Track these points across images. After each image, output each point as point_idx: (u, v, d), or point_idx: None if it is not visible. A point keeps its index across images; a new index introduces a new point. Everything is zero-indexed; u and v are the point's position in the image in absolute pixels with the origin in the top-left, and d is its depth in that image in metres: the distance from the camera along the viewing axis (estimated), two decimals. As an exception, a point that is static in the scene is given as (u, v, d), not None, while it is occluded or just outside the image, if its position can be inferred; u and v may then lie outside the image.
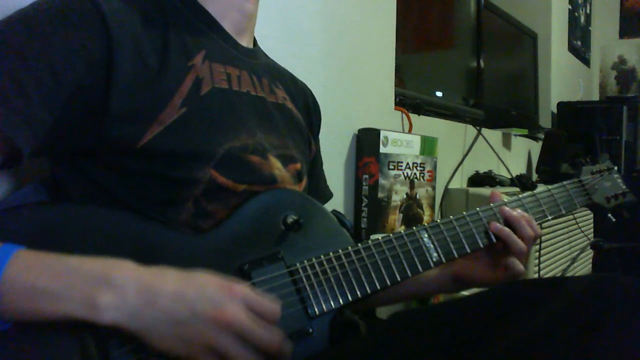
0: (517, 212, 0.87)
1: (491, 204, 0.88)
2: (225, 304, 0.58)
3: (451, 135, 2.09)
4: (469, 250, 0.83)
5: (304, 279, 0.71)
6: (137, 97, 0.66)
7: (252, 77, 0.83)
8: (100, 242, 0.63)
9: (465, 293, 0.94)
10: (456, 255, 0.82)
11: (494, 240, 0.85)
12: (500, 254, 0.86)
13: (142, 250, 0.64)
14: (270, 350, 0.61)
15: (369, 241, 0.76)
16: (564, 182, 0.99)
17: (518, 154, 2.75)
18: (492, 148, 2.24)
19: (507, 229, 0.85)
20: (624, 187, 1.08)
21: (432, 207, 1.75)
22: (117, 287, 0.55)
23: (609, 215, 1.06)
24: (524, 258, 0.85)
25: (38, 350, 0.55)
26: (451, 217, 0.84)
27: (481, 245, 0.84)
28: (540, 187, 0.96)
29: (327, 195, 1.04)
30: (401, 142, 1.56)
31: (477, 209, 0.86)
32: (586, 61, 4.17)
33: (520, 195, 0.91)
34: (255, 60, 0.86)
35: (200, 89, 0.72)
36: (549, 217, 0.92)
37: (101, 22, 0.65)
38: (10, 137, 0.59)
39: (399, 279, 0.76)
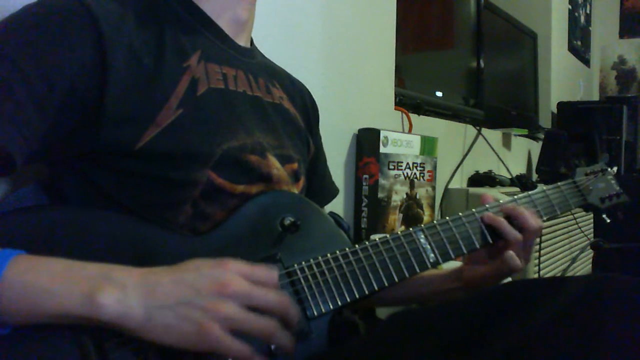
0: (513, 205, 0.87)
1: (486, 205, 0.88)
2: (224, 276, 0.58)
3: (451, 135, 2.09)
4: (465, 251, 0.83)
5: (302, 281, 0.71)
6: (132, 98, 0.66)
7: (248, 77, 0.82)
8: (98, 244, 0.63)
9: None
10: (453, 256, 0.82)
11: (490, 240, 0.85)
12: (498, 250, 0.86)
13: (140, 253, 0.64)
14: (279, 310, 0.61)
15: (366, 242, 0.76)
16: (559, 183, 1.00)
17: (518, 154, 2.75)
18: (492, 148, 2.24)
19: (499, 217, 0.85)
20: (618, 188, 1.09)
21: (432, 207, 1.75)
22: (117, 283, 0.55)
23: (604, 215, 1.07)
24: (522, 250, 0.85)
25: (36, 353, 0.55)
26: (447, 218, 0.84)
27: (477, 246, 0.84)
28: (537, 188, 0.96)
29: (334, 192, 1.04)
30: (401, 142, 1.56)
31: (473, 209, 0.86)
32: (586, 61, 4.17)
33: (515, 197, 0.92)
34: (251, 60, 0.86)
35: (196, 89, 0.72)
36: (544, 218, 0.92)
37: (92, 24, 0.65)
38: (2, 145, 0.58)
39: (396, 279, 0.76)
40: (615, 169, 1.12)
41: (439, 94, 2.09)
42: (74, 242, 0.62)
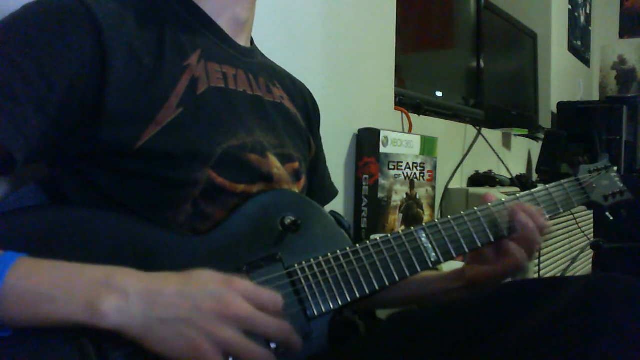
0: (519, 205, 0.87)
1: (489, 203, 0.87)
2: (228, 297, 0.58)
3: (451, 135, 2.09)
4: (467, 249, 0.83)
5: (303, 280, 0.70)
6: (132, 97, 0.66)
7: (248, 76, 0.82)
8: (99, 244, 0.63)
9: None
10: (454, 255, 0.82)
11: (492, 239, 0.84)
12: (502, 249, 0.85)
13: (141, 253, 0.64)
14: (278, 339, 0.61)
15: (367, 242, 0.76)
16: (562, 181, 0.99)
17: (518, 154, 2.75)
18: (492, 148, 2.24)
19: (520, 209, 0.84)
20: (622, 185, 1.08)
21: (432, 207, 1.75)
22: (118, 290, 0.55)
23: (607, 213, 1.06)
24: (528, 247, 0.85)
25: (36, 355, 0.55)
26: (449, 216, 0.83)
27: (479, 245, 0.84)
28: (540, 187, 0.96)
29: (333, 193, 1.04)
30: (401, 142, 1.56)
31: (475, 208, 0.86)
32: (586, 61, 4.17)
33: (517, 195, 0.91)
34: (252, 60, 0.86)
35: (196, 88, 0.72)
36: (547, 216, 0.92)
37: (92, 23, 0.65)
38: (1, 144, 0.58)
39: (397, 278, 0.76)
40: (615, 168, 1.11)
41: (439, 94, 2.09)
42: (74, 242, 0.62)
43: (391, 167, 1.53)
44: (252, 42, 0.91)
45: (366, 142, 1.49)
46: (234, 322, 0.57)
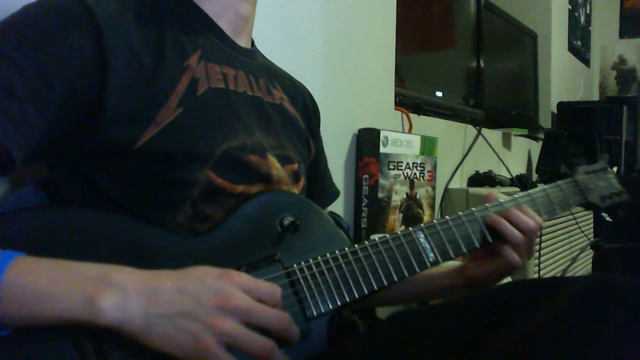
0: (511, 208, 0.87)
1: (487, 204, 0.87)
2: (227, 290, 0.58)
3: (451, 135, 2.09)
4: (465, 250, 0.83)
5: (302, 281, 0.70)
6: (132, 97, 0.66)
7: (248, 77, 0.82)
8: (98, 245, 0.63)
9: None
10: (452, 256, 0.82)
11: (490, 239, 0.85)
12: (498, 249, 0.86)
13: (140, 254, 0.64)
14: (278, 329, 0.61)
15: (366, 242, 0.76)
16: (559, 182, 0.99)
17: (518, 154, 2.75)
18: (492, 148, 2.24)
19: (500, 219, 0.84)
20: (619, 186, 1.08)
21: (432, 207, 1.75)
22: (117, 287, 0.55)
23: (604, 214, 1.06)
24: (523, 250, 0.85)
25: (35, 355, 0.55)
26: (447, 217, 0.84)
27: (477, 245, 0.84)
28: (536, 187, 0.96)
29: (335, 194, 1.04)
30: (401, 142, 1.56)
31: (473, 209, 0.86)
32: (586, 61, 4.17)
33: (515, 195, 0.91)
34: (252, 61, 0.86)
35: (196, 89, 0.72)
36: (544, 217, 0.92)
37: (92, 24, 0.65)
38: (1, 143, 0.58)
39: (396, 279, 0.76)
40: (615, 169, 1.11)
41: (439, 94, 2.09)
42: (73, 243, 0.62)
43: (391, 167, 1.53)
44: (252, 43, 0.91)
45: (366, 142, 1.49)
46: (234, 314, 0.57)
